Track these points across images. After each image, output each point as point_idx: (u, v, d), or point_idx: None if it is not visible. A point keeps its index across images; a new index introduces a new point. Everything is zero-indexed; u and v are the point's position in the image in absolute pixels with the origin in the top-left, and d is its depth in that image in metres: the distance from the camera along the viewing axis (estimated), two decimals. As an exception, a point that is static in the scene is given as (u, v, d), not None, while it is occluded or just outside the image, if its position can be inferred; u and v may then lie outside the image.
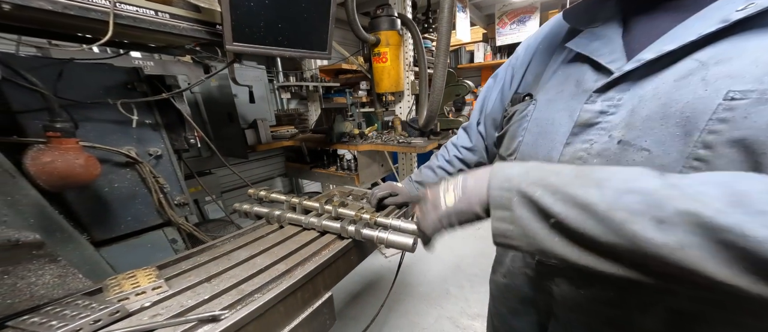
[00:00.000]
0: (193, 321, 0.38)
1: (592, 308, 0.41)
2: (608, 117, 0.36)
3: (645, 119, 0.32)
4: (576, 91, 0.40)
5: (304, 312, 0.53)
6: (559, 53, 0.45)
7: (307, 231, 0.68)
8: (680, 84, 0.30)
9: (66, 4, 0.58)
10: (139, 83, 0.91)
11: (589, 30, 0.40)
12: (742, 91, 0.26)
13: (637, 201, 0.24)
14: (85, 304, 0.37)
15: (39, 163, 0.58)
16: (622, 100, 0.35)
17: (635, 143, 0.33)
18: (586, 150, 0.37)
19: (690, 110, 0.29)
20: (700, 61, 0.30)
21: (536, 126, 0.44)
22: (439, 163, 0.76)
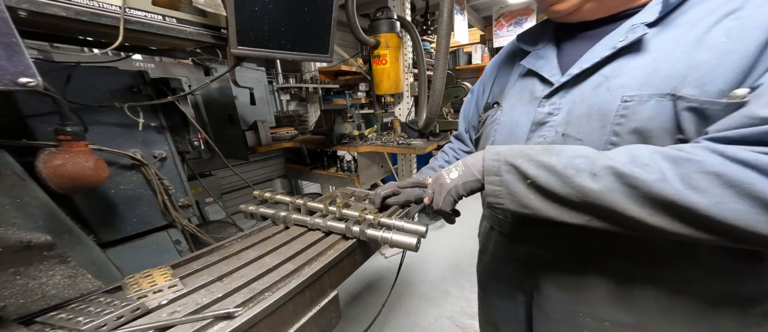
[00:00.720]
0: (209, 317, 0.40)
1: (560, 276, 0.53)
2: (553, 117, 0.47)
3: (577, 117, 0.44)
4: (530, 98, 0.52)
5: (311, 310, 0.54)
6: (516, 69, 0.58)
7: (312, 232, 0.70)
8: (595, 92, 0.43)
9: (79, 10, 0.59)
10: (144, 86, 0.93)
11: (535, 51, 0.53)
12: (631, 95, 0.39)
13: (580, 162, 0.35)
14: (107, 301, 0.39)
15: (51, 166, 0.59)
16: (561, 104, 0.47)
17: (572, 135, 0.45)
18: (541, 143, 0.49)
19: (603, 110, 0.42)
20: (604, 75, 0.43)
21: (504, 127, 0.56)
22: (440, 164, 0.81)
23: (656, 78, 0.37)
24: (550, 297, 0.55)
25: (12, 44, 0.28)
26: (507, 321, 0.68)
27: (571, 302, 0.52)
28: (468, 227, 2.71)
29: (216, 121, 1.78)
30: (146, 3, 0.71)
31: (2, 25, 0.27)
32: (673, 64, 0.37)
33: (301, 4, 0.95)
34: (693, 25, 0.37)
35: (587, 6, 0.44)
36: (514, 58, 0.59)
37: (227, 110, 1.76)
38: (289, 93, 2.68)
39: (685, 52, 0.36)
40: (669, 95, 0.36)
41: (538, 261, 0.55)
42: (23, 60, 0.29)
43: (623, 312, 0.47)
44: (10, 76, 0.28)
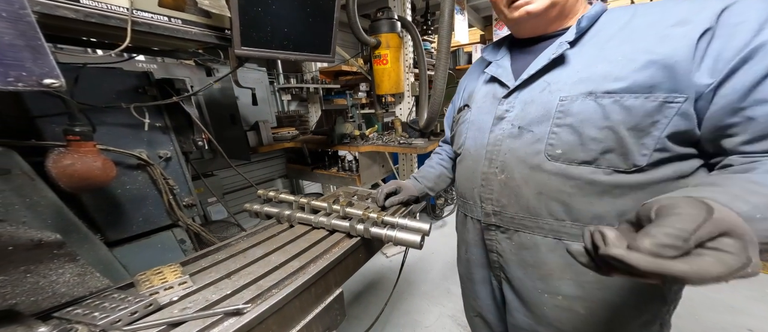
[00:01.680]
0: (219, 314, 0.41)
1: (522, 256, 0.61)
2: (509, 114, 0.58)
3: (529, 113, 0.55)
4: (493, 100, 0.63)
5: (317, 307, 0.55)
6: (481, 76, 0.70)
7: (316, 230, 0.71)
8: (541, 94, 0.54)
9: (88, 12, 0.60)
10: (149, 87, 0.94)
11: (495, 61, 0.65)
12: (564, 97, 0.51)
13: None
14: (120, 297, 0.40)
15: (60, 165, 0.60)
16: (515, 103, 0.58)
17: (526, 127, 0.56)
18: (501, 134, 0.59)
19: (548, 107, 0.53)
20: (546, 81, 0.54)
21: (473, 125, 0.66)
22: (436, 160, 0.89)
23: (578, 84, 0.50)
24: (515, 276, 0.63)
25: (37, 47, 0.29)
26: (489, 309, 0.76)
27: (531, 279, 0.61)
28: (469, 226, 2.72)
29: (218, 121, 1.79)
30: (152, 4, 0.72)
31: (29, 28, 0.28)
32: (588, 74, 0.49)
33: (304, 5, 0.96)
34: (597, 43, 0.51)
35: (529, 24, 0.57)
36: (479, 69, 0.72)
37: (229, 110, 1.77)
38: (290, 93, 2.68)
39: (593, 65, 0.49)
40: (589, 94, 0.48)
41: (503, 243, 0.64)
42: (48, 62, 0.30)
43: (572, 285, 0.56)
44: (36, 78, 0.29)
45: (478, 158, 0.63)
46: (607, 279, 0.51)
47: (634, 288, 0.53)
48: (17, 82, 0.27)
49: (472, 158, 0.65)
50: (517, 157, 0.56)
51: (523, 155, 0.56)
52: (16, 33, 0.27)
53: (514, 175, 0.57)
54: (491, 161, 0.60)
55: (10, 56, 0.26)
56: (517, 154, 0.56)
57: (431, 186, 0.85)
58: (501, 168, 0.59)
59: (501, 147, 0.59)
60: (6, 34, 0.26)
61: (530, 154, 0.55)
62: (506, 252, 0.63)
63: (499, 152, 0.59)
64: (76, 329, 0.33)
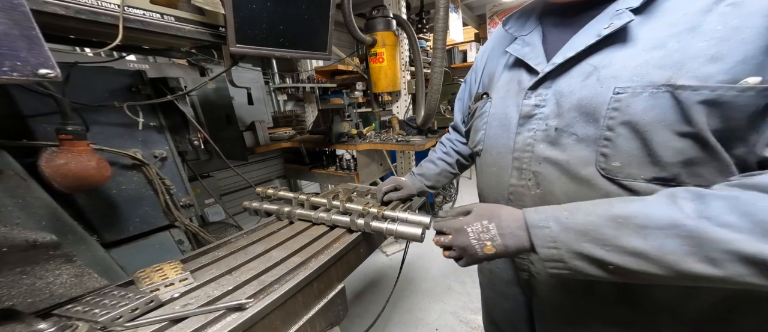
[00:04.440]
0: (222, 309, 0.40)
1: (565, 281, 0.50)
2: (541, 109, 0.45)
3: (568, 110, 0.41)
4: (518, 89, 0.49)
5: (320, 302, 0.55)
6: (504, 57, 0.54)
7: (317, 226, 0.70)
8: (585, 83, 0.40)
9: (78, 9, 0.59)
10: (142, 85, 0.92)
11: (521, 37, 0.50)
12: (622, 87, 0.37)
13: (680, 244, 0.29)
14: (121, 294, 0.39)
15: (53, 165, 0.58)
16: (547, 95, 0.44)
17: (566, 129, 0.42)
18: (532, 137, 0.46)
19: (595, 103, 0.39)
20: (592, 65, 0.40)
21: (495, 120, 0.53)
22: (439, 155, 0.82)
23: (648, 69, 0.35)
24: (551, 297, 0.53)
25: (32, 37, 0.28)
26: (508, 321, 0.67)
27: (574, 302, 0.50)
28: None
29: (213, 122, 1.77)
30: (145, 1, 0.71)
31: (23, 18, 0.28)
32: (667, 54, 0.34)
33: (299, 2, 0.96)
34: (682, 12, 0.35)
35: None
36: (502, 46, 0.55)
37: (224, 110, 1.75)
38: (286, 93, 2.66)
39: (679, 41, 0.34)
40: (665, 86, 0.34)
41: (538, 264, 0.53)
42: (43, 52, 0.29)
43: (632, 312, 0.45)
44: (31, 68, 0.28)
45: (503, 165, 0.51)
46: (680, 310, 0.42)
47: (694, 321, 0.42)
48: (12, 71, 0.27)
49: (496, 164, 0.53)
50: (558, 168, 0.43)
51: (565, 165, 0.43)
52: (10, 23, 0.26)
53: (553, 190, 0.45)
54: (521, 171, 0.48)
55: (5, 46, 0.25)
56: (556, 164, 0.43)
57: (431, 184, 0.81)
58: (535, 181, 0.46)
59: (533, 154, 0.46)
60: (0, 23, 0.25)
61: (575, 165, 0.42)
62: (541, 274, 0.52)
63: (531, 161, 0.46)
64: (76, 326, 0.32)
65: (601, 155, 0.39)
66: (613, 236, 0.33)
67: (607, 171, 0.39)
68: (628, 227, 0.32)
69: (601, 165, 0.40)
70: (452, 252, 0.46)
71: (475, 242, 0.42)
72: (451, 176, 0.81)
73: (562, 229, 0.36)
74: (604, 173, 0.40)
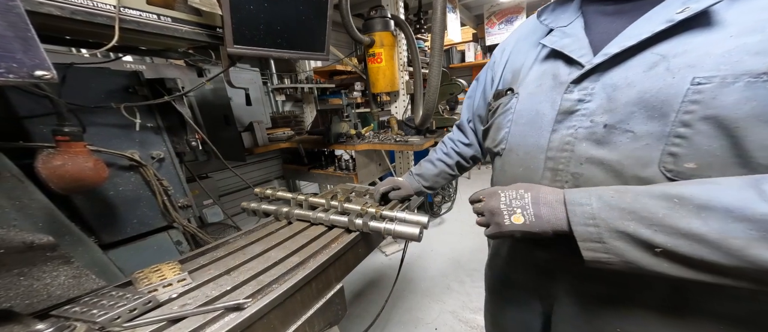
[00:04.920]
0: (220, 309, 0.40)
1: (594, 286, 0.45)
2: (585, 104, 0.41)
3: (625, 104, 0.37)
4: (554, 83, 0.45)
5: (318, 302, 0.56)
6: (535, 51, 0.50)
7: (315, 226, 0.71)
8: (649, 74, 0.36)
9: (74, 10, 0.59)
10: (139, 86, 0.92)
11: (559, 29, 0.46)
12: (706, 77, 0.32)
13: (748, 228, 0.27)
14: (119, 295, 0.39)
15: (50, 166, 0.58)
16: (595, 89, 0.40)
17: (619, 126, 0.38)
18: (572, 135, 0.42)
19: (664, 95, 0.34)
20: (660, 54, 0.35)
21: (521, 117, 0.49)
22: (438, 156, 0.80)
23: (742, 56, 0.30)
24: (581, 308, 0.47)
25: (28, 38, 0.28)
26: (518, 331, 0.62)
27: (608, 315, 0.44)
28: (467, 223, 2.74)
29: (211, 122, 1.77)
30: (141, 2, 0.71)
31: (19, 20, 0.28)
32: (763, 38, 0.29)
33: (297, 2, 0.96)
34: None
35: None
36: (532, 39, 0.52)
37: (222, 111, 1.75)
38: (285, 94, 2.66)
39: None
40: (761, 74, 0.29)
41: (566, 268, 0.48)
42: (39, 54, 0.29)
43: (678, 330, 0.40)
44: (27, 69, 0.28)
45: (532, 165, 0.46)
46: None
47: None
48: (8, 73, 0.27)
49: (522, 165, 0.48)
50: (605, 169, 0.39)
51: (615, 166, 0.38)
52: (5, 24, 0.26)
53: None
54: (556, 172, 0.43)
55: (1, 48, 0.25)
56: (603, 164, 0.39)
57: (429, 185, 0.80)
58: (574, 184, 0.42)
59: (573, 154, 0.41)
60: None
61: (630, 166, 0.37)
62: (574, 283, 0.48)
63: (569, 161, 0.42)
64: (74, 326, 0.32)
65: (668, 155, 0.34)
66: (666, 215, 0.30)
67: (676, 173, 0.34)
68: (686, 207, 0.29)
69: (666, 166, 0.34)
70: (482, 219, 0.46)
71: (504, 208, 0.40)
72: (450, 177, 0.80)
73: (605, 206, 0.33)
74: (670, 176, 0.34)
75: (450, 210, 2.90)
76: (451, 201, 2.91)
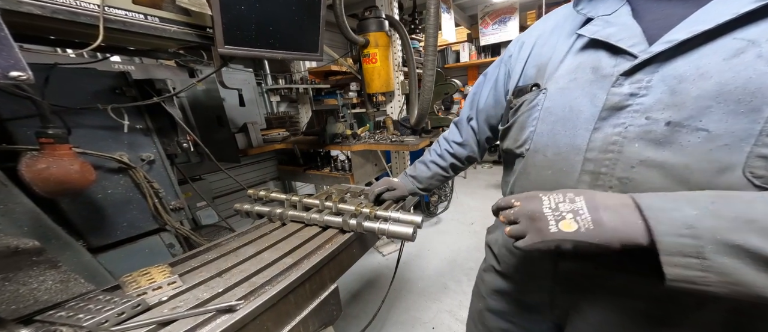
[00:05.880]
0: (211, 311, 0.40)
1: (632, 306, 0.40)
2: (639, 99, 0.35)
3: (696, 98, 0.32)
4: (594, 77, 0.40)
5: (313, 303, 0.55)
6: (566, 43, 0.45)
7: (309, 227, 0.70)
8: (733, 62, 0.30)
9: (55, 9, 0.57)
10: (127, 87, 0.90)
11: (601, 17, 0.41)
12: None
13: None
14: (106, 299, 0.38)
15: (34, 170, 0.57)
16: (652, 81, 0.35)
17: (688, 123, 0.32)
18: (621, 134, 0.37)
19: (754, 86, 0.29)
20: (747, 40, 0.30)
21: (550, 114, 0.44)
22: (432, 157, 0.78)
23: None
24: (611, 327, 0.42)
25: (1, 38, 0.27)
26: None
27: (637, 326, 0.40)
28: (463, 222, 2.76)
29: (204, 123, 1.74)
30: (127, 2, 0.69)
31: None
32: None
33: (289, 2, 0.95)
34: None
35: None
36: (564, 31, 0.47)
37: (215, 112, 1.73)
38: (279, 94, 2.64)
39: None
40: None
41: (601, 283, 0.43)
42: (13, 54, 0.29)
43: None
44: (2, 71, 0.27)
45: (564, 168, 0.42)
46: None
47: None
48: None
49: (553, 167, 0.43)
50: (666, 174, 0.34)
51: (680, 171, 0.33)
52: None
53: None
54: (597, 176, 0.39)
55: None
56: (665, 169, 0.34)
57: (423, 187, 0.79)
58: (621, 190, 0.37)
59: (621, 156, 0.37)
60: None
61: (703, 171, 0.32)
62: (607, 298, 0.43)
63: (616, 164, 0.37)
64: (60, 330, 0.32)
65: (758, 158, 0.29)
66: None
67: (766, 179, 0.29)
68: None
69: (755, 171, 0.30)
70: (516, 227, 0.37)
71: (549, 213, 0.33)
72: (445, 179, 0.78)
73: (707, 214, 0.27)
74: (759, 183, 0.30)
75: (446, 210, 2.91)
76: (447, 201, 2.93)
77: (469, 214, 2.83)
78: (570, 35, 0.45)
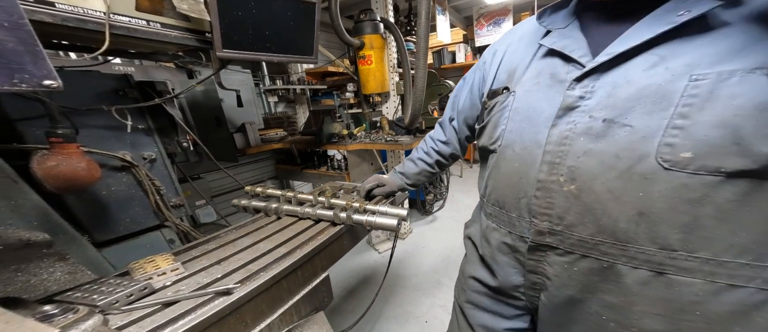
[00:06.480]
0: (210, 293, 0.44)
1: (588, 282, 0.45)
2: (585, 101, 0.43)
3: (624, 100, 0.39)
4: (552, 82, 0.47)
5: (304, 289, 0.60)
6: (531, 51, 0.53)
7: (303, 221, 0.75)
8: (649, 73, 0.38)
9: (65, 16, 0.61)
10: (130, 89, 0.94)
11: (558, 30, 0.49)
12: (703, 73, 0.35)
13: None
14: (117, 283, 0.42)
15: (45, 167, 0.61)
16: (595, 86, 0.42)
17: (618, 120, 0.39)
18: (571, 130, 0.43)
19: (663, 91, 0.37)
20: (659, 55, 0.38)
21: (517, 114, 0.50)
22: (419, 155, 0.83)
23: (736, 53, 0.33)
24: (563, 300, 0.48)
25: (36, 52, 0.32)
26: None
27: (597, 305, 0.45)
28: (458, 220, 2.81)
29: (202, 124, 1.78)
30: (130, 9, 0.73)
31: (28, 36, 0.32)
32: (758, 37, 0.32)
33: (284, 8, 0.99)
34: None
35: None
36: (529, 40, 0.54)
37: (214, 112, 1.77)
38: (277, 95, 2.68)
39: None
40: (759, 70, 0.31)
41: (556, 267, 0.48)
42: (46, 65, 0.33)
43: (660, 321, 0.41)
44: (37, 79, 0.32)
45: (529, 160, 0.48)
46: (719, 323, 0.38)
47: None
48: (21, 83, 0.31)
49: (520, 160, 0.49)
50: (602, 162, 0.40)
51: (611, 159, 0.39)
52: (17, 40, 0.30)
53: (592, 186, 0.41)
54: (553, 165, 0.45)
55: (14, 61, 0.30)
56: (600, 158, 0.40)
57: (412, 182, 0.84)
58: (569, 176, 0.43)
59: (571, 148, 0.43)
60: (9, 41, 0.29)
61: (625, 159, 0.38)
62: (561, 276, 0.48)
63: (567, 155, 0.43)
64: (77, 309, 0.36)
65: (666, 145, 0.36)
66: None
67: (674, 163, 0.36)
68: None
69: (663, 156, 0.36)
70: None
71: None
72: (431, 175, 0.84)
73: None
74: (667, 166, 0.36)
75: (442, 208, 2.96)
76: (443, 199, 2.98)
77: (465, 212, 2.88)
78: (534, 44, 0.52)
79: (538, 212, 0.47)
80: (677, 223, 0.37)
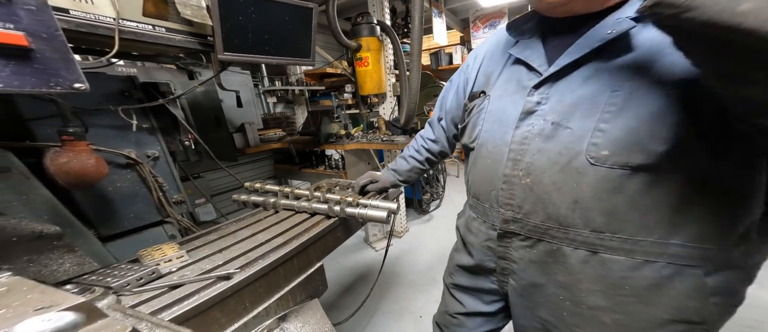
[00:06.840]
0: (213, 278, 0.48)
1: (544, 264, 0.52)
2: (542, 106, 0.49)
3: (568, 105, 0.45)
4: (517, 87, 0.53)
5: (300, 276, 0.64)
6: (503, 58, 0.59)
7: (299, 214, 0.79)
8: (586, 83, 0.45)
9: (79, 22, 0.66)
10: (135, 90, 0.99)
11: (523, 41, 0.55)
12: (619, 85, 0.41)
13: None
14: (128, 268, 0.47)
15: (57, 163, 0.65)
16: (550, 93, 0.48)
17: (562, 123, 0.46)
18: (529, 131, 0.49)
19: (593, 100, 0.43)
20: (595, 67, 0.44)
21: (491, 116, 0.57)
22: (410, 153, 0.88)
23: (644, 69, 0.39)
24: (529, 282, 0.55)
25: (68, 59, 0.37)
26: (470, 320, 0.69)
27: (553, 286, 0.51)
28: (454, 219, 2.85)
29: (203, 124, 1.81)
30: (137, 14, 0.78)
31: (62, 45, 0.36)
32: (661, 57, 0.38)
33: (282, 14, 1.04)
34: None
35: (578, 2, 0.44)
36: (503, 48, 0.59)
37: (214, 112, 1.81)
38: (276, 96, 2.73)
39: (668, 45, 0.37)
40: (659, 84, 0.38)
41: (520, 251, 0.55)
42: (76, 70, 0.38)
43: (601, 297, 0.47)
44: (69, 83, 0.36)
45: (498, 157, 0.53)
46: (644, 294, 0.44)
47: (672, 307, 0.44)
48: (56, 86, 0.35)
49: (491, 157, 0.55)
50: (548, 159, 0.47)
51: (555, 156, 0.46)
52: (52, 49, 0.34)
53: (542, 179, 0.47)
54: (515, 162, 0.51)
55: (51, 67, 0.34)
56: (548, 155, 0.47)
57: (403, 179, 0.88)
58: (526, 171, 0.49)
59: (529, 147, 0.49)
60: (47, 50, 0.34)
61: (565, 156, 0.45)
62: (523, 260, 0.55)
63: (526, 153, 0.49)
64: (94, 289, 0.40)
65: (591, 144, 0.42)
66: None
67: (597, 159, 0.42)
68: None
69: (590, 153, 0.42)
70: None
71: None
72: (421, 171, 0.89)
73: None
74: (592, 162, 0.43)
75: (439, 207, 3.01)
76: (439, 199, 3.02)
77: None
78: (505, 53, 0.58)
79: (503, 202, 0.54)
80: (601, 209, 0.43)
